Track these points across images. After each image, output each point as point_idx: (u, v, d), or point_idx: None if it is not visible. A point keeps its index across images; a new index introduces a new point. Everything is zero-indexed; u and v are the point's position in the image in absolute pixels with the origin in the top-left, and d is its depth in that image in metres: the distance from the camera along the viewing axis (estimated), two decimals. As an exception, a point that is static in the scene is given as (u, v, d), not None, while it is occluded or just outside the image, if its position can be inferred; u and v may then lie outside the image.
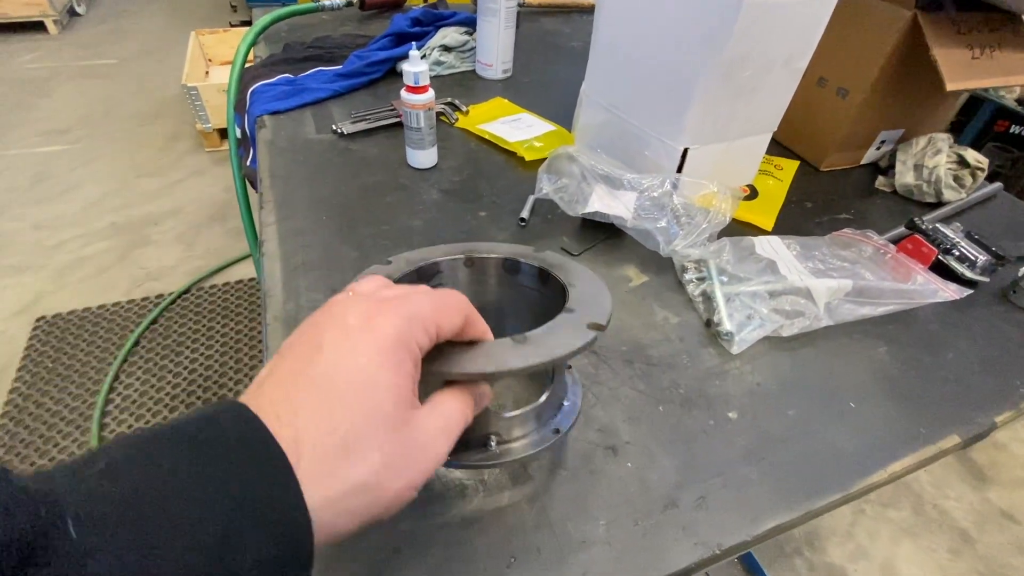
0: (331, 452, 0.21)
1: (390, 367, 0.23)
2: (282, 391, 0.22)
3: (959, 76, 0.60)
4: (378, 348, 0.23)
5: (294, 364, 0.23)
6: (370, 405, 0.22)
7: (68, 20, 3.46)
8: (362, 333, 0.23)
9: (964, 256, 0.55)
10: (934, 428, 0.43)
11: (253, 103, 0.75)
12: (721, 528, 0.35)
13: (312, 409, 0.21)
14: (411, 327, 0.24)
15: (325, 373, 0.22)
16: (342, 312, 0.24)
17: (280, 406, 0.21)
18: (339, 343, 0.23)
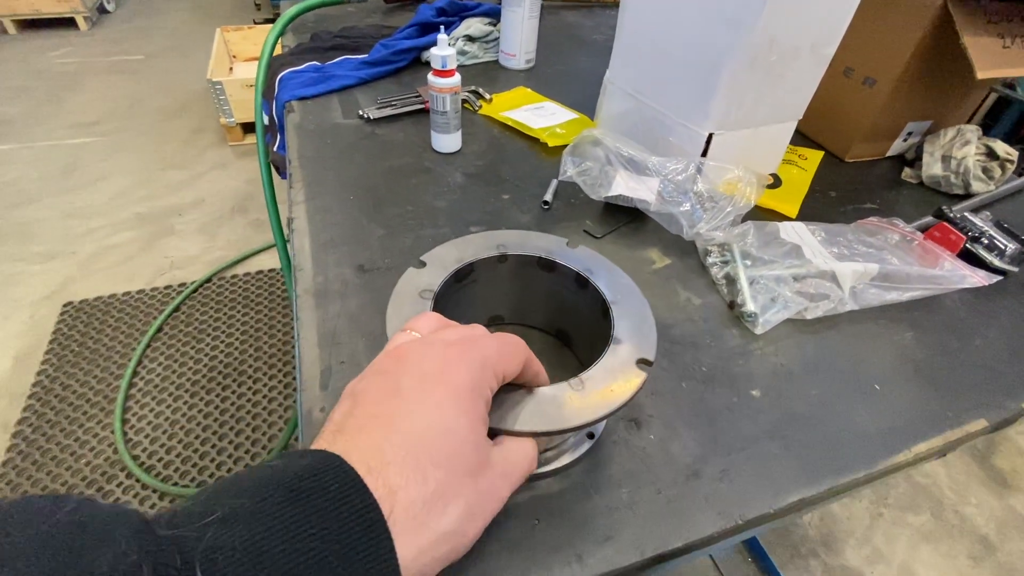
0: (422, 505, 0.21)
1: (468, 414, 0.24)
2: (369, 440, 0.22)
3: (989, 64, 0.59)
4: (456, 396, 0.24)
5: (375, 409, 0.23)
6: (454, 455, 0.23)
7: (98, 17, 3.55)
8: (439, 381, 0.24)
9: (993, 244, 0.55)
10: (961, 412, 0.42)
11: (282, 89, 0.76)
12: (743, 500, 0.35)
13: (402, 461, 0.22)
14: (483, 373, 0.25)
15: (409, 422, 0.23)
16: (417, 359, 0.25)
17: (370, 457, 0.21)
18: (418, 391, 0.24)
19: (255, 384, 1.46)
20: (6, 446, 1.28)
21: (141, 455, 1.29)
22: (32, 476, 1.23)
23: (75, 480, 1.24)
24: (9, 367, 1.46)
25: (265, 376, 1.48)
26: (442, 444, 0.23)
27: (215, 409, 1.40)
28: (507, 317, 0.45)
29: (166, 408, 1.39)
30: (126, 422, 1.35)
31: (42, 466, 1.26)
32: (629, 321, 0.34)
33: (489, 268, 0.39)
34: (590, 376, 0.30)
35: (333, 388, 0.38)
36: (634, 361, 0.32)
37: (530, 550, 0.31)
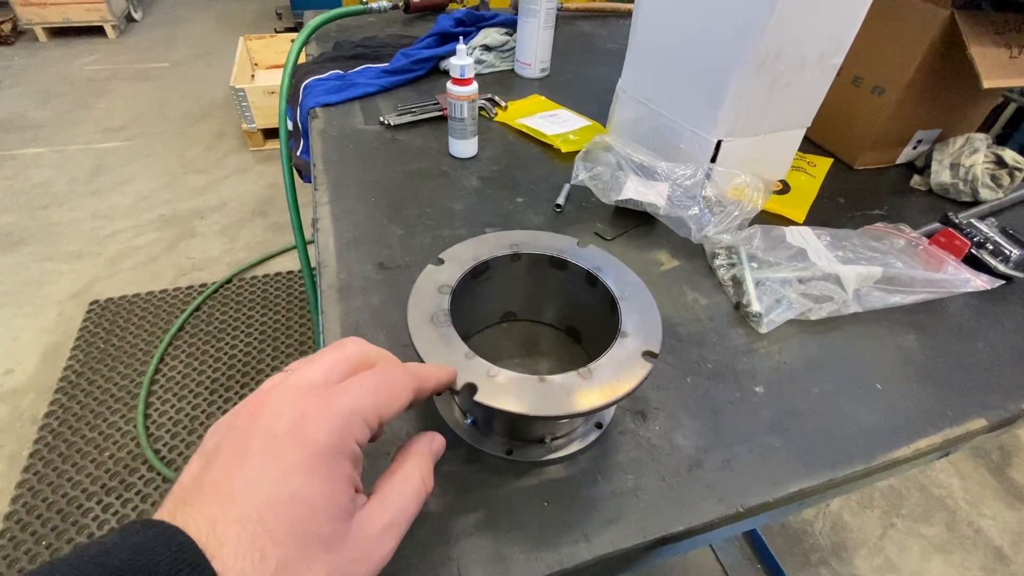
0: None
1: (323, 479, 0.22)
2: (206, 513, 0.20)
3: (996, 74, 0.60)
4: (310, 458, 0.21)
5: (219, 475, 0.21)
6: (301, 529, 0.21)
7: (125, 25, 3.66)
8: (290, 441, 0.22)
9: (998, 250, 0.56)
10: (961, 411, 0.44)
11: (306, 96, 0.80)
12: (744, 489, 0.36)
13: (237, 539, 0.19)
14: (350, 426, 0.23)
15: (250, 492, 0.20)
16: (271, 415, 0.23)
17: (206, 536, 0.19)
18: (266, 456, 0.21)
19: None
20: (34, 438, 1.33)
21: (162, 449, 1.33)
22: (58, 468, 1.28)
23: (99, 472, 1.28)
24: (38, 362, 1.51)
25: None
26: (285, 516, 0.20)
27: (233, 406, 1.43)
28: (519, 313, 0.47)
29: (187, 404, 1.43)
30: (148, 417, 1.40)
31: (68, 458, 1.30)
32: (636, 316, 0.36)
33: (503, 266, 0.41)
34: (598, 366, 0.32)
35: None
36: (640, 353, 0.34)
37: (538, 529, 0.33)
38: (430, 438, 0.29)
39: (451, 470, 0.36)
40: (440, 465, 0.36)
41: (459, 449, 0.37)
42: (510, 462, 0.36)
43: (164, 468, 1.28)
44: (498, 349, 0.46)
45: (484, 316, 0.46)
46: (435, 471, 0.35)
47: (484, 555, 0.32)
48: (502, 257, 0.41)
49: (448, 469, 0.36)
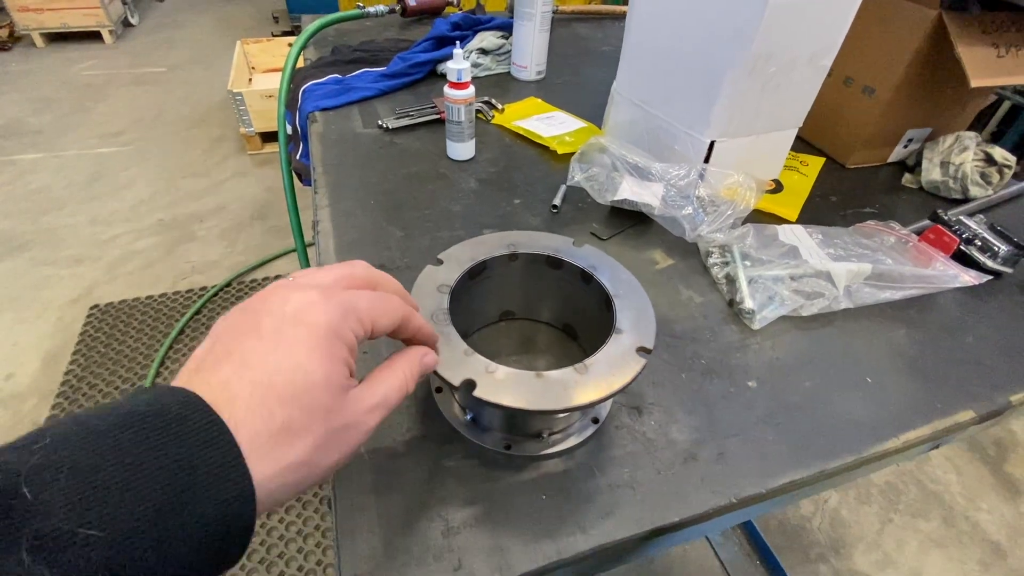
0: (267, 438, 0.22)
1: (323, 356, 0.24)
2: (219, 376, 0.22)
3: (983, 73, 0.62)
4: (313, 338, 0.24)
5: (230, 346, 0.24)
6: (303, 394, 0.23)
7: (122, 30, 3.67)
8: (297, 322, 0.24)
9: (986, 246, 0.57)
10: (949, 403, 0.45)
11: (305, 100, 0.81)
12: (738, 481, 0.37)
13: (248, 396, 0.22)
14: (345, 318, 0.26)
15: (260, 360, 0.23)
16: (281, 300, 0.25)
17: (219, 392, 0.21)
18: (275, 332, 0.24)
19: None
20: (36, 442, 1.33)
21: (164, 452, 1.34)
22: (60, 471, 1.28)
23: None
24: (38, 367, 1.52)
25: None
26: (291, 383, 0.23)
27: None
28: (517, 312, 0.48)
29: (187, 407, 1.44)
30: (149, 421, 1.40)
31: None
32: (630, 313, 0.37)
33: (501, 265, 0.42)
34: (594, 362, 0.33)
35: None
36: (634, 349, 0.35)
37: (537, 521, 0.34)
38: (422, 351, 0.31)
39: (451, 465, 0.37)
40: (441, 460, 0.37)
41: (459, 444, 0.38)
42: (509, 457, 0.37)
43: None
44: (497, 347, 0.47)
45: (483, 315, 0.47)
46: (437, 465, 0.36)
47: (484, 546, 0.33)
48: (499, 257, 0.42)
49: (448, 464, 0.37)
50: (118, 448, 0.19)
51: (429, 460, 0.37)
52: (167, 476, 0.19)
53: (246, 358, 0.23)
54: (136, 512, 0.18)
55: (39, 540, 0.16)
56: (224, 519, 0.20)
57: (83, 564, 0.17)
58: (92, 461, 0.18)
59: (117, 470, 0.18)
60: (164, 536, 0.18)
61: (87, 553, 0.17)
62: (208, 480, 0.20)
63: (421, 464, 0.37)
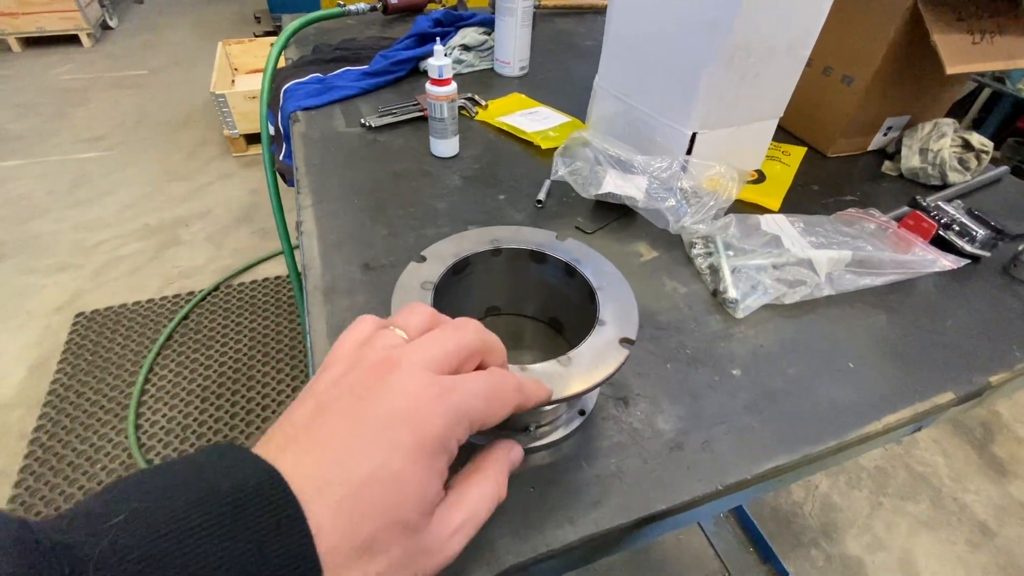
0: (345, 554, 0.20)
1: (422, 470, 0.22)
2: (312, 463, 0.21)
3: (959, 60, 0.62)
4: (415, 446, 0.22)
5: (332, 430, 0.22)
6: (392, 511, 0.21)
7: (101, 34, 3.62)
8: (406, 423, 0.22)
9: (964, 231, 0.58)
10: (930, 386, 0.45)
11: (287, 100, 0.80)
12: (723, 468, 0.38)
13: (337, 503, 0.20)
14: (457, 426, 0.23)
15: (359, 461, 0.21)
16: (393, 392, 0.23)
17: (307, 485, 0.20)
18: (380, 430, 0.22)
19: (264, 388, 1.49)
20: (24, 453, 1.32)
21: (155, 459, 1.33)
22: (50, 481, 1.27)
23: (92, 484, 1.27)
24: (24, 377, 1.50)
25: (273, 380, 1.52)
26: (383, 496, 0.21)
27: (225, 414, 1.43)
28: (503, 307, 0.48)
29: (178, 414, 1.43)
30: (139, 428, 1.39)
31: (59, 472, 1.29)
32: (613, 304, 0.37)
33: (484, 261, 0.42)
34: (577, 354, 0.34)
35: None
36: (618, 340, 0.35)
37: (524, 514, 0.34)
38: (508, 446, 0.29)
39: (439, 461, 0.37)
40: (428, 456, 0.37)
41: (447, 441, 0.38)
42: None
43: (157, 477, 1.27)
44: None
45: (468, 311, 0.47)
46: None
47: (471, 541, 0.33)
48: (483, 252, 0.42)
49: (436, 460, 0.37)
50: (191, 534, 0.18)
51: (417, 457, 0.37)
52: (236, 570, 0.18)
53: (345, 454, 0.21)
54: None
55: None
56: None
57: None
58: (161, 550, 0.17)
59: (184, 566, 0.17)
60: None
61: None
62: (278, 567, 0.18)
63: (409, 461, 0.37)
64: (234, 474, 0.19)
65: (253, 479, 0.19)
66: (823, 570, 1.26)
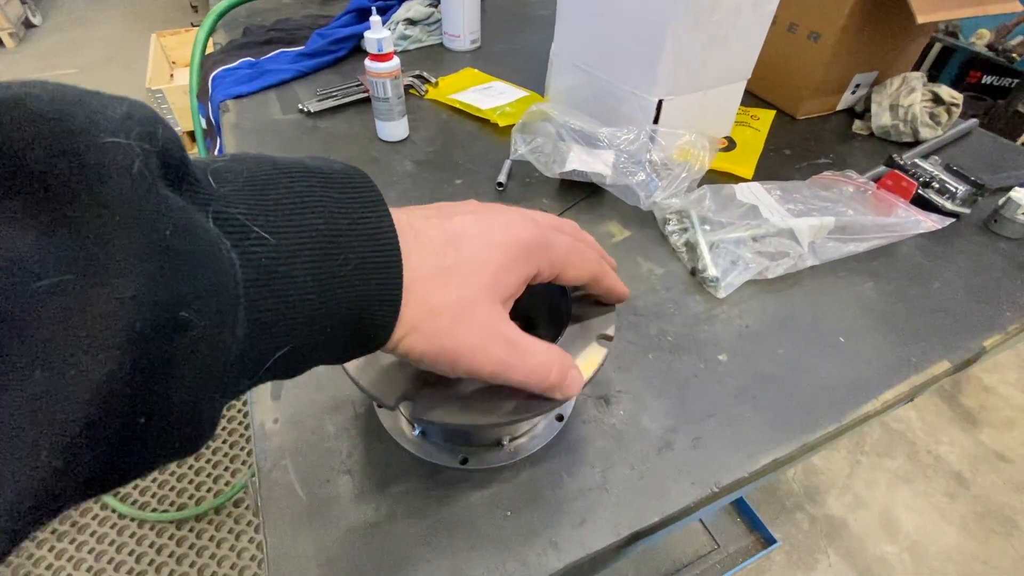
0: (431, 269, 0.22)
1: (509, 259, 0.24)
2: (416, 218, 0.23)
3: (929, 8, 0.59)
4: (509, 243, 0.25)
5: (436, 210, 0.25)
6: (476, 263, 0.24)
7: (24, 32, 3.36)
8: (503, 228, 0.25)
9: (944, 188, 0.55)
10: (924, 356, 0.43)
11: (215, 89, 0.73)
12: (717, 467, 0.34)
13: (430, 234, 0.23)
14: (543, 250, 0.26)
15: (458, 227, 0.24)
16: (501, 209, 0.27)
17: (405, 225, 0.22)
18: (486, 217, 0.25)
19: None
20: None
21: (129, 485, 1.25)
22: (-1, 518, 1.18)
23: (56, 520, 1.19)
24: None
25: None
26: (474, 250, 0.24)
27: (188, 428, 1.35)
28: (466, 305, 0.43)
29: (136, 432, 1.34)
30: (95, 451, 1.30)
31: (9, 506, 1.20)
32: (587, 298, 0.33)
33: None
34: None
35: (287, 398, 0.36)
36: (594, 338, 0.31)
37: (502, 542, 0.30)
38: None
39: (401, 489, 0.32)
40: (388, 486, 0.32)
41: (408, 464, 0.34)
42: (466, 472, 0.33)
43: (119, 504, 1.20)
44: None
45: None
46: (384, 493, 0.32)
47: (444, 580, 0.29)
48: None
49: (398, 489, 0.32)
50: (289, 176, 0.19)
51: (375, 487, 0.32)
52: (326, 215, 0.19)
53: (444, 217, 0.24)
54: (301, 234, 0.18)
55: (219, 219, 0.16)
56: (371, 280, 0.20)
57: (253, 258, 0.17)
58: (266, 179, 0.18)
59: (286, 194, 0.18)
60: (321, 267, 0.18)
61: (257, 251, 0.17)
62: (363, 232, 0.20)
63: (366, 493, 0.32)
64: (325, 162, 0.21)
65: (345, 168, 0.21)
66: (808, 533, 1.27)
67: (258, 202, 0.18)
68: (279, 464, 0.33)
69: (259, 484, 0.32)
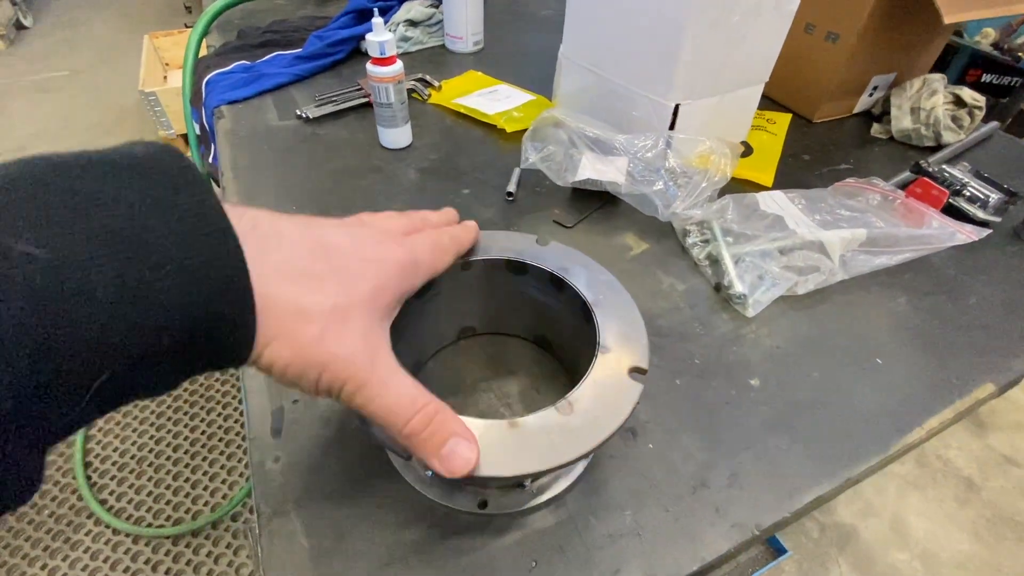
0: (299, 275, 0.20)
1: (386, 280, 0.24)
2: (276, 218, 0.21)
3: (955, 8, 0.57)
4: (383, 257, 0.24)
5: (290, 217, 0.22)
6: (357, 283, 0.22)
7: (15, 34, 3.31)
8: (370, 236, 0.25)
9: (975, 196, 0.53)
10: (967, 378, 0.40)
11: (209, 94, 0.70)
12: (757, 506, 0.32)
13: (294, 246, 0.21)
14: (414, 270, 0.26)
15: (327, 236, 0.22)
16: (370, 232, 0.25)
17: (253, 217, 0.19)
18: (351, 228, 0.24)
19: (225, 410, 1.39)
20: (-44, 506, 1.19)
21: (109, 499, 1.21)
22: (-11, 535, 1.15)
23: (39, 534, 1.16)
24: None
25: (235, 400, 1.41)
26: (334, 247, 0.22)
27: (185, 440, 1.32)
28: (479, 327, 0.41)
29: (131, 445, 1.31)
30: (88, 465, 1.27)
31: (2, 522, 1.17)
32: (615, 323, 0.30)
33: (452, 277, 0.35)
34: (579, 396, 0.27)
35: (288, 434, 0.34)
36: (626, 371, 0.28)
37: (529, 599, 0.27)
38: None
39: (415, 537, 0.29)
40: (401, 533, 0.29)
41: (423, 509, 0.31)
42: (486, 517, 0.30)
43: (112, 519, 1.17)
44: (459, 372, 0.39)
45: (437, 336, 0.39)
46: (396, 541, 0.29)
47: (465, 645, 0.26)
48: (449, 268, 0.34)
49: (411, 536, 0.29)
50: (68, 173, 0.16)
51: (386, 535, 0.29)
52: (126, 212, 0.16)
53: (310, 223, 0.23)
54: (90, 241, 0.15)
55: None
56: (201, 280, 0.16)
57: (18, 282, 0.13)
58: (34, 182, 0.15)
59: (65, 196, 0.15)
60: (124, 274, 0.15)
61: (22, 271, 0.14)
62: (180, 226, 0.16)
63: (375, 542, 0.29)
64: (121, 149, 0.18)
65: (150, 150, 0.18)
66: (819, 542, 1.25)
67: (22, 212, 0.14)
68: (281, 510, 0.30)
69: (259, 533, 0.29)
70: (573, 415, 0.26)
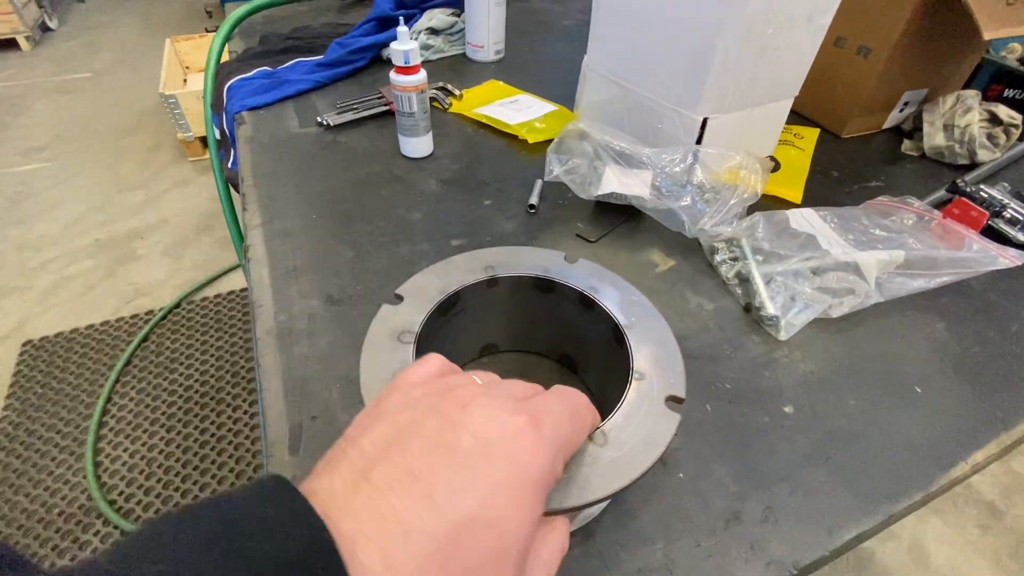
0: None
1: (526, 510, 0.18)
2: (394, 516, 0.16)
3: (995, 24, 0.55)
4: (521, 482, 0.18)
5: (419, 461, 0.17)
6: (490, 563, 0.17)
7: (40, 36, 3.38)
8: (505, 456, 0.18)
9: (1015, 218, 0.51)
10: (1012, 410, 0.38)
11: (230, 99, 0.69)
12: (794, 543, 0.30)
13: (428, 556, 0.16)
14: (556, 460, 0.20)
15: (455, 501, 0.17)
16: (483, 418, 0.19)
17: (387, 548, 0.15)
18: (479, 460, 0.18)
19: (235, 412, 1.38)
20: (-32, 503, 1.19)
21: (118, 499, 1.21)
22: (1, 532, 1.15)
23: (48, 532, 1.16)
24: (-34, 416, 1.36)
25: (245, 403, 1.40)
26: (482, 544, 0.17)
27: (194, 442, 1.32)
28: (502, 344, 0.40)
29: (141, 446, 1.31)
30: (99, 465, 1.27)
31: (12, 521, 1.17)
32: (648, 348, 0.29)
33: (478, 295, 0.33)
34: (613, 426, 0.25)
35: (306, 451, 0.33)
36: (662, 399, 0.27)
37: (555, 639, 0.26)
38: None
39: (436, 567, 0.28)
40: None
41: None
42: None
43: (121, 520, 1.16)
44: None
45: (458, 352, 0.38)
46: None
47: None
48: (475, 285, 0.33)
49: (432, 566, 0.28)
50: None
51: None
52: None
53: (436, 491, 0.17)
54: None
55: None
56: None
57: None
58: None
59: None
60: None
61: None
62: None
63: (395, 571, 0.28)
64: (274, 536, 0.15)
65: (296, 543, 0.15)
66: (836, 566, 1.21)
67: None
68: (297, 534, 0.29)
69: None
70: (608, 446, 0.24)
